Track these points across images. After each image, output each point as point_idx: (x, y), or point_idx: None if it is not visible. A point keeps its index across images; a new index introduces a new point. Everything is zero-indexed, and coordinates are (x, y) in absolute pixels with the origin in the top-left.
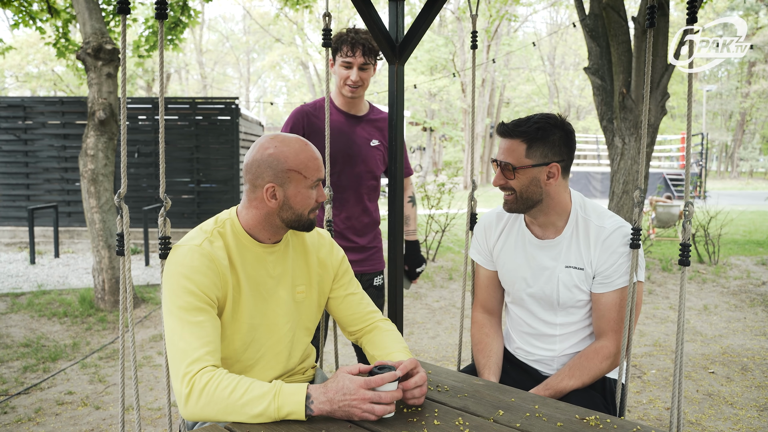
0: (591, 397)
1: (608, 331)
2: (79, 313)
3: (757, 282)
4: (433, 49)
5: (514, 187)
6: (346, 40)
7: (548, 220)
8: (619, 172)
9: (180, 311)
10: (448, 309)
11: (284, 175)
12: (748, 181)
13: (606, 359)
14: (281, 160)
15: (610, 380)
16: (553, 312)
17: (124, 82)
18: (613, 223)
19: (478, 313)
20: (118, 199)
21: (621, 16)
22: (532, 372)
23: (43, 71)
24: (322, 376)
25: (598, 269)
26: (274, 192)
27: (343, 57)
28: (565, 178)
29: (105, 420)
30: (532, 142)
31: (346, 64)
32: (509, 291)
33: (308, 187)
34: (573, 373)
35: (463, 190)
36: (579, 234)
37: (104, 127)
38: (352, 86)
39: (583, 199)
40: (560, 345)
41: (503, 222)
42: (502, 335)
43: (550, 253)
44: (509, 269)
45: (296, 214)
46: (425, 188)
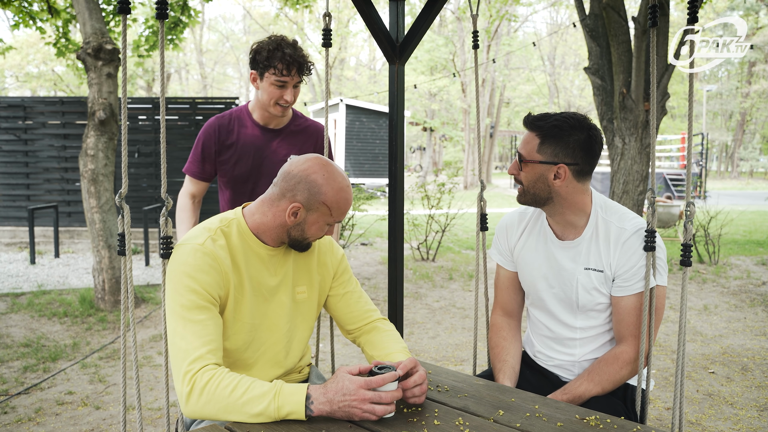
0: (612, 404)
1: (628, 336)
2: (79, 313)
3: (758, 282)
4: (433, 49)
5: (522, 180)
6: (279, 57)
7: (565, 220)
8: (619, 172)
9: (182, 310)
10: (448, 309)
11: (316, 205)
12: (748, 181)
13: (626, 365)
14: (321, 192)
15: (632, 387)
16: (573, 315)
17: (124, 82)
18: (634, 224)
19: (497, 315)
20: (119, 199)
21: (621, 16)
22: (551, 377)
23: (43, 71)
24: (316, 372)
25: (617, 271)
26: (297, 212)
27: (277, 75)
28: (581, 181)
29: (105, 420)
30: (546, 138)
31: (279, 83)
32: (529, 292)
33: (327, 223)
34: (592, 378)
35: (463, 191)
36: (599, 235)
37: (104, 127)
38: (285, 106)
39: (605, 201)
40: (580, 350)
41: (525, 221)
42: (521, 339)
43: (570, 254)
44: (530, 269)
45: (303, 237)
46: (425, 188)
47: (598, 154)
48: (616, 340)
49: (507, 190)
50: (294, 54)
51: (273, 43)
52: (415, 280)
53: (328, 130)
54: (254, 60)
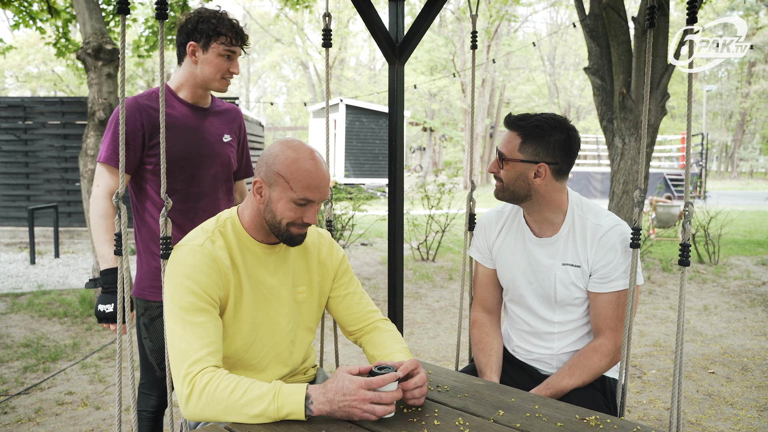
0: (592, 396)
1: (605, 329)
2: (79, 314)
3: (757, 282)
4: (433, 49)
5: (502, 177)
6: (228, 26)
7: (543, 217)
8: (619, 172)
9: (181, 311)
10: (448, 309)
11: (273, 177)
12: (748, 181)
13: (605, 357)
14: (275, 162)
15: (609, 379)
16: (551, 309)
17: (123, 82)
18: (609, 221)
19: (478, 312)
20: (116, 200)
21: (621, 16)
22: (531, 371)
23: (43, 71)
24: (323, 375)
25: (594, 267)
26: (261, 189)
27: (226, 45)
28: (559, 180)
29: (105, 420)
30: (527, 138)
31: (228, 52)
32: (508, 288)
33: (292, 200)
34: (573, 371)
35: (463, 190)
36: (576, 232)
37: (104, 127)
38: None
39: (581, 199)
40: (558, 343)
41: (503, 220)
42: (501, 335)
43: (548, 250)
44: (508, 266)
45: (275, 220)
46: (425, 188)
47: (576, 155)
48: (593, 333)
49: None
50: (237, 23)
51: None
52: (415, 280)
53: (329, 130)
54: (195, 30)
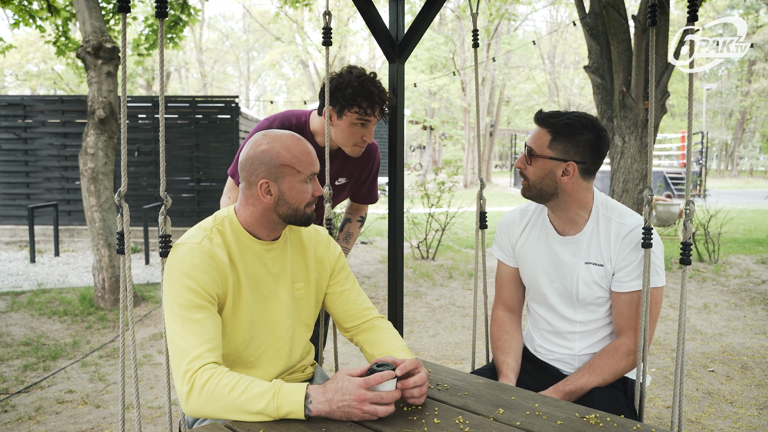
0: (614, 396)
1: (627, 328)
2: (79, 312)
3: (757, 281)
4: (433, 47)
5: (529, 175)
6: (364, 94)
7: (567, 216)
8: (619, 171)
9: (181, 309)
10: (448, 307)
11: (277, 171)
12: (748, 180)
13: (626, 357)
14: (274, 156)
15: (631, 381)
16: (573, 309)
17: (124, 80)
18: (634, 221)
19: (499, 311)
20: (118, 198)
21: (621, 15)
22: (552, 371)
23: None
24: (321, 373)
25: (617, 266)
26: (269, 188)
27: (360, 114)
28: (586, 179)
29: (105, 419)
30: (557, 135)
31: (362, 121)
32: (530, 287)
33: (302, 182)
34: (593, 370)
35: (462, 189)
36: (600, 231)
37: (104, 125)
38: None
39: (607, 199)
40: (580, 343)
41: (527, 218)
42: (522, 334)
43: (571, 248)
44: (531, 264)
45: (292, 208)
46: (425, 187)
47: (605, 155)
48: (615, 332)
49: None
50: (380, 93)
51: (357, 78)
52: (415, 278)
53: (329, 130)
54: (332, 95)
